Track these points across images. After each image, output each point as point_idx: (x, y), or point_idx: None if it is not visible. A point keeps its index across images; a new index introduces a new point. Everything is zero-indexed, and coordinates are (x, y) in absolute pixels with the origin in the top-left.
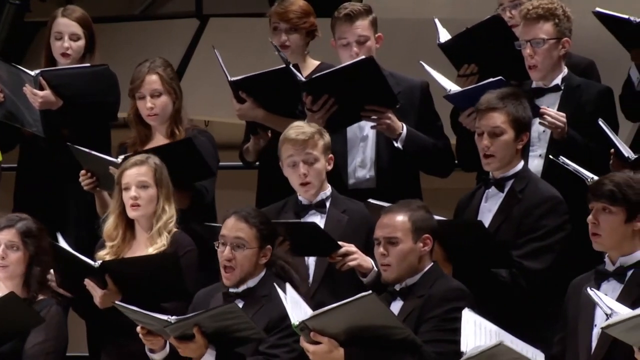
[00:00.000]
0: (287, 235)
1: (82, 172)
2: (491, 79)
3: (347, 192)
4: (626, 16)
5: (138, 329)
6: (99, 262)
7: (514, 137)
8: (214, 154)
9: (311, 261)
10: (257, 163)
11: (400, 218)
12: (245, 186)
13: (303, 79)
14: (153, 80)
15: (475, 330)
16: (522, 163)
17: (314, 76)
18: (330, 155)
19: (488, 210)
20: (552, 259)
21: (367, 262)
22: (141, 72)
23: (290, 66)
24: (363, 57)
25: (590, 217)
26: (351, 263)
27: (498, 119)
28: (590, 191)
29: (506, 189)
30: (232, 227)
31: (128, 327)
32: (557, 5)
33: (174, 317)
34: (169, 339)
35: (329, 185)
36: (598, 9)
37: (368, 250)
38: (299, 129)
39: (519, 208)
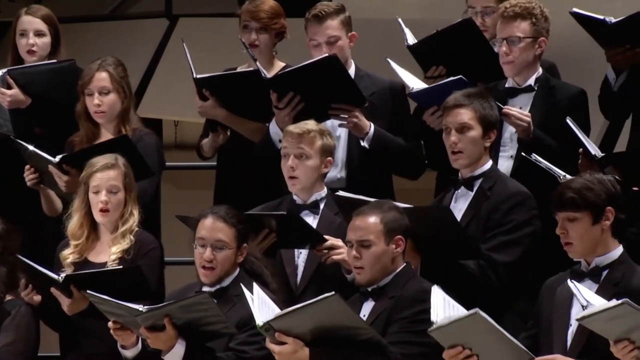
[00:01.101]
0: (273, 227)
1: (27, 167)
2: (453, 78)
3: None
4: (601, 17)
5: (110, 323)
6: (63, 275)
7: (482, 134)
8: (156, 155)
9: (300, 261)
10: (215, 162)
11: (372, 220)
12: (204, 185)
13: (268, 76)
14: (102, 78)
15: (445, 305)
16: (490, 162)
17: (278, 73)
18: (329, 159)
19: (458, 210)
20: (520, 252)
21: None
22: (91, 69)
23: (257, 63)
24: (326, 55)
25: (558, 228)
26: (336, 257)
27: (465, 115)
28: (552, 203)
29: (475, 188)
30: (211, 227)
31: (94, 332)
32: (535, 5)
33: (145, 307)
34: (139, 330)
35: (325, 187)
36: (575, 9)
37: None
38: (302, 124)
39: (487, 205)
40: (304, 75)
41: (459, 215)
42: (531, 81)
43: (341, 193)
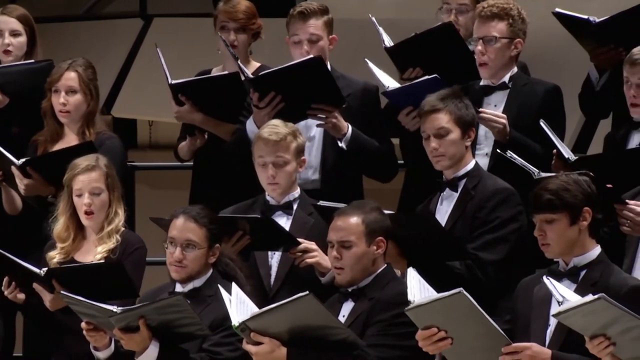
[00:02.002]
0: (247, 230)
1: None
2: (427, 77)
3: None
4: (585, 16)
5: (82, 324)
6: (45, 270)
7: (461, 135)
8: (120, 160)
9: (274, 262)
10: (191, 163)
11: (354, 221)
12: (182, 186)
13: (251, 76)
14: (71, 77)
15: (420, 287)
16: (473, 161)
17: (262, 72)
18: (303, 158)
19: (444, 212)
20: (507, 249)
21: (326, 261)
22: (61, 67)
23: (239, 62)
24: (311, 56)
25: (536, 230)
26: (309, 260)
27: (442, 119)
28: (530, 205)
29: (459, 189)
30: (182, 227)
31: (78, 330)
32: (512, 6)
33: (119, 308)
34: (112, 331)
35: (298, 187)
36: (558, 9)
37: None
38: (273, 128)
39: (472, 204)
40: (288, 75)
41: (445, 217)
42: (505, 79)
43: (322, 203)
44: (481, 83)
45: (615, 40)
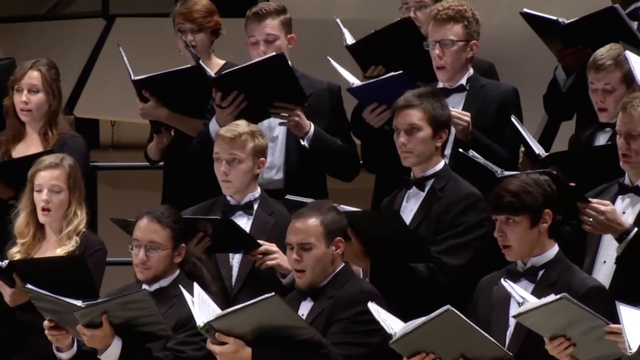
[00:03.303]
0: (208, 231)
1: None
2: (393, 73)
3: None
4: (554, 17)
5: (45, 323)
6: (6, 261)
7: (432, 134)
8: (84, 160)
9: (235, 262)
10: (162, 162)
11: (312, 222)
12: (153, 186)
13: (213, 75)
14: (34, 76)
15: (386, 317)
16: (442, 162)
17: (224, 72)
18: (262, 159)
19: (410, 210)
20: (470, 255)
21: (287, 262)
22: (24, 66)
23: (200, 62)
24: (273, 53)
25: (496, 231)
26: (270, 262)
27: (414, 116)
28: (490, 205)
29: (427, 188)
30: (145, 229)
31: (41, 328)
32: (467, 8)
33: (83, 302)
34: (75, 329)
35: (259, 187)
36: (525, 9)
37: None
38: (232, 126)
39: (438, 206)
40: (250, 74)
41: (410, 216)
42: (463, 81)
43: (290, 197)
44: (438, 86)
45: (584, 41)
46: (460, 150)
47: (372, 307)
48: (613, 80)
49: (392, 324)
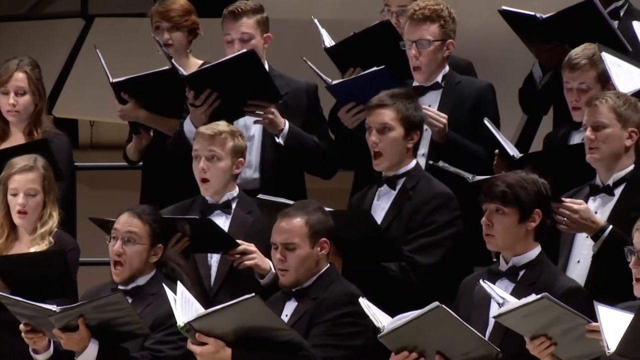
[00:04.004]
0: (187, 231)
1: None
2: (375, 68)
3: None
4: (532, 13)
5: (21, 326)
6: None
7: (404, 134)
8: (67, 158)
9: (214, 261)
10: (141, 163)
11: (297, 222)
12: (131, 186)
13: (185, 74)
14: (20, 78)
15: (376, 312)
16: (414, 162)
17: (195, 70)
18: (241, 159)
19: (381, 209)
20: (442, 253)
21: (265, 263)
22: (9, 68)
23: (173, 61)
24: (244, 50)
25: (484, 218)
26: (248, 262)
27: (387, 115)
28: (483, 192)
29: (398, 187)
30: (124, 222)
31: (15, 326)
32: (443, 7)
33: (58, 307)
34: (51, 332)
35: (237, 186)
36: (504, 7)
37: (269, 254)
38: (213, 125)
39: (409, 205)
40: (222, 71)
41: (381, 214)
42: (438, 79)
43: (262, 196)
44: (414, 84)
45: (561, 37)
46: (431, 162)
47: (363, 302)
48: (588, 79)
49: (382, 319)
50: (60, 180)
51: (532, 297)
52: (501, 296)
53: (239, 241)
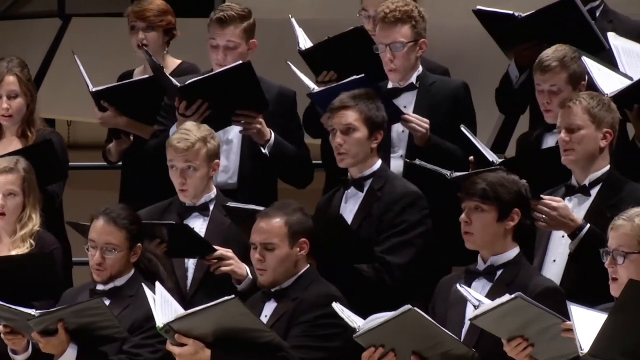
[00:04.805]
0: (164, 237)
1: None
2: (355, 77)
3: None
4: (510, 12)
5: (0, 327)
6: None
7: (368, 135)
8: (65, 156)
9: (191, 263)
10: (120, 163)
11: (277, 223)
12: (109, 186)
13: (178, 85)
14: (11, 82)
15: (350, 315)
16: (379, 162)
17: (189, 82)
18: (216, 161)
19: (349, 211)
20: (413, 253)
21: (242, 269)
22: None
23: (164, 71)
24: (240, 62)
25: (463, 216)
26: (225, 268)
27: (350, 116)
28: (463, 190)
29: (365, 189)
30: (101, 231)
31: None
32: (412, 7)
33: (38, 311)
34: (31, 335)
35: (214, 188)
36: (479, 7)
37: (247, 257)
38: (183, 134)
39: (378, 206)
40: (215, 82)
41: (350, 216)
42: (413, 80)
43: (231, 204)
44: (389, 85)
45: (540, 36)
46: (407, 160)
47: (337, 307)
48: (559, 81)
49: (357, 320)
50: (63, 179)
51: (506, 297)
52: (477, 299)
53: (216, 247)
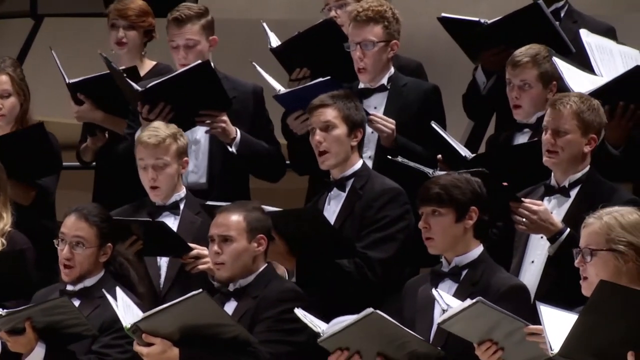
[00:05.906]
0: (140, 234)
1: None
2: (320, 79)
3: None
4: (476, 18)
5: None
6: None
7: (347, 132)
8: (58, 150)
9: (163, 262)
10: (94, 163)
11: (235, 217)
12: (82, 186)
13: (139, 89)
14: (4, 81)
15: (313, 319)
16: (361, 161)
17: (149, 85)
18: (185, 159)
19: (332, 212)
20: (395, 248)
21: None
22: None
23: (135, 85)
24: (199, 61)
25: (421, 222)
26: (201, 267)
27: (329, 114)
28: (418, 197)
29: (347, 188)
30: (71, 225)
31: None
32: (386, 8)
33: (4, 310)
34: None
35: (184, 187)
36: (444, 14)
37: None
38: (152, 131)
39: (360, 203)
40: (176, 83)
41: (333, 217)
42: (384, 81)
43: (210, 202)
44: (360, 86)
45: (507, 41)
46: (390, 157)
47: (299, 312)
48: (529, 77)
49: (319, 324)
50: (58, 169)
51: (468, 302)
52: (446, 302)
53: (192, 245)
